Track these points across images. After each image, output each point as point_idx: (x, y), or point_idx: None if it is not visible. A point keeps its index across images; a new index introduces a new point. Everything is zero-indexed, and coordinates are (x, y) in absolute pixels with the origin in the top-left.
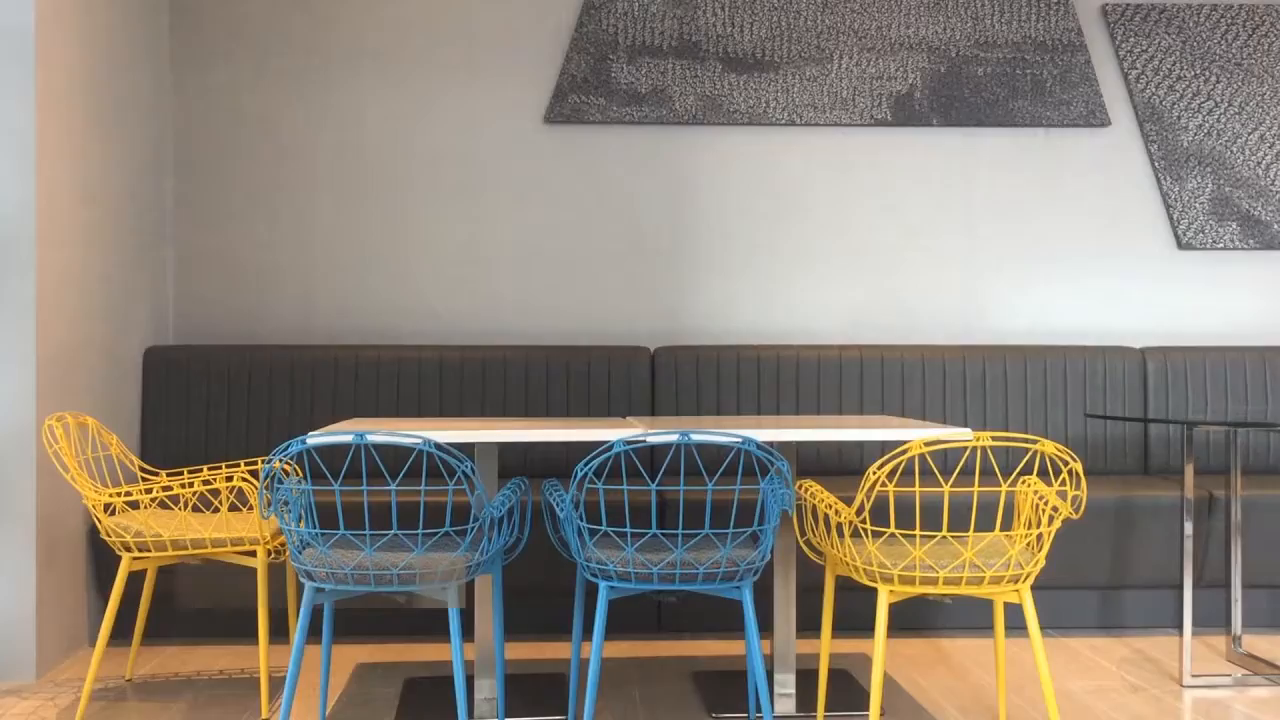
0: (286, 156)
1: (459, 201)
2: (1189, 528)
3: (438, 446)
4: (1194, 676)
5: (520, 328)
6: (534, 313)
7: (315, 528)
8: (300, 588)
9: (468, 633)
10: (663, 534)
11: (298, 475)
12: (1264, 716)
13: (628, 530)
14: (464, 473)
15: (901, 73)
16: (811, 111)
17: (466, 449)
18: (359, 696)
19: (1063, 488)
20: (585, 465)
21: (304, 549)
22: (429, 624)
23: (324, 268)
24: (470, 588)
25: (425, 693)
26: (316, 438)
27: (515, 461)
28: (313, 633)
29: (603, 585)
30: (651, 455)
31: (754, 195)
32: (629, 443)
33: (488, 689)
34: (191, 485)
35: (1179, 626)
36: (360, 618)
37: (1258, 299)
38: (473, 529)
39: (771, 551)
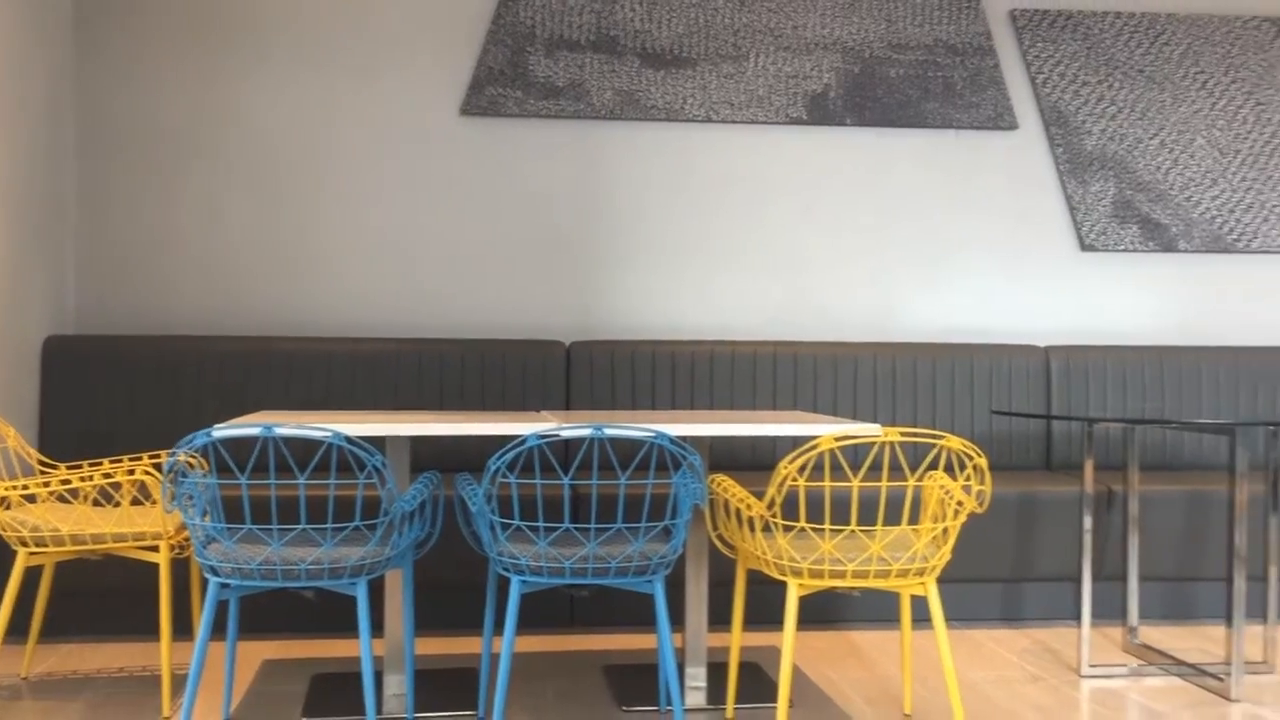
0: (194, 146)
1: (373, 192)
2: (1088, 522)
3: (348, 440)
4: (1091, 667)
5: (435, 321)
6: (449, 306)
7: (221, 522)
8: (205, 583)
9: (377, 628)
10: (575, 528)
11: (203, 468)
12: (1157, 705)
13: (540, 525)
14: (375, 467)
15: (816, 72)
16: (728, 109)
17: (378, 442)
18: (264, 694)
19: (968, 483)
20: (498, 459)
21: (209, 544)
22: (338, 619)
23: (234, 259)
24: (380, 583)
25: (333, 689)
26: (223, 430)
27: (428, 455)
28: (218, 629)
29: (515, 579)
30: (566, 450)
31: (671, 191)
32: (542, 437)
33: (397, 684)
34: (91, 479)
35: (1078, 618)
36: (267, 614)
37: (1156, 300)
38: (383, 523)
39: (684, 545)
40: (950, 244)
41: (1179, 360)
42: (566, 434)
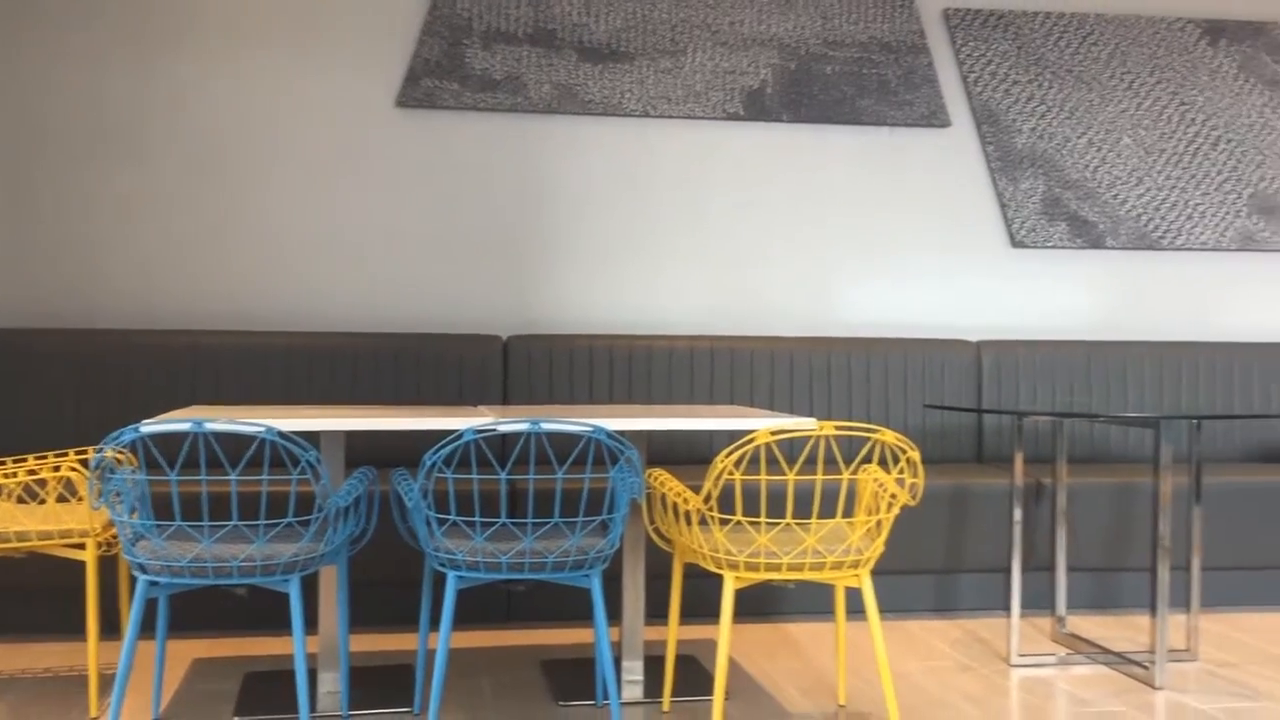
0: (122, 136)
1: (308, 184)
2: (1018, 514)
3: (281, 435)
4: (1021, 656)
5: (371, 314)
6: (385, 300)
7: (150, 519)
8: (133, 581)
9: (311, 625)
10: (512, 523)
11: (131, 465)
12: (1084, 693)
13: (477, 520)
14: (308, 462)
15: (753, 68)
16: (666, 104)
17: (312, 438)
18: (195, 693)
19: (901, 476)
20: (434, 454)
21: (137, 541)
22: (271, 617)
23: (163, 250)
24: (314, 579)
25: (266, 687)
26: (152, 425)
27: (364, 451)
28: (147, 627)
29: (451, 575)
30: (503, 444)
31: (609, 186)
32: (479, 431)
33: (331, 682)
34: (15, 475)
35: (1008, 608)
36: (197, 612)
37: (1084, 295)
38: (317, 520)
39: (621, 540)
40: (885, 240)
41: (1106, 355)
42: (504, 428)
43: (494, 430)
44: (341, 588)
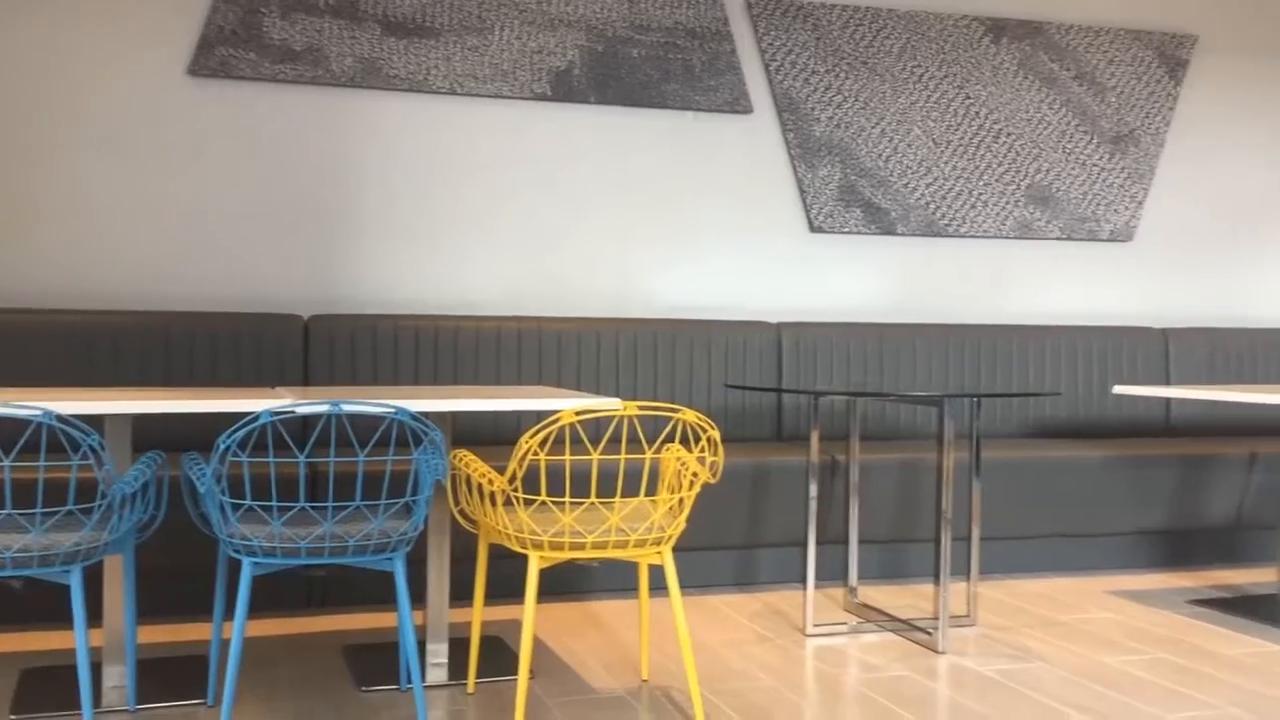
0: None
1: (94, 154)
2: (813, 489)
3: (59, 419)
4: (815, 626)
5: (163, 292)
6: (178, 276)
7: None
8: None
9: (96, 617)
10: (312, 507)
11: None
12: (873, 659)
13: (274, 504)
14: (90, 447)
15: (561, 49)
16: (473, 82)
17: (95, 422)
18: None
19: (702, 454)
20: (228, 437)
21: None
22: (51, 610)
23: None
24: (99, 570)
25: (46, 683)
26: None
27: (155, 435)
28: None
29: (246, 562)
30: (303, 427)
31: (415, 163)
32: (276, 413)
33: (117, 676)
34: None
35: (804, 581)
36: None
37: (877, 279)
38: (100, 507)
39: (425, 522)
40: (689, 223)
41: (896, 336)
42: (303, 410)
43: (292, 412)
44: (128, 577)
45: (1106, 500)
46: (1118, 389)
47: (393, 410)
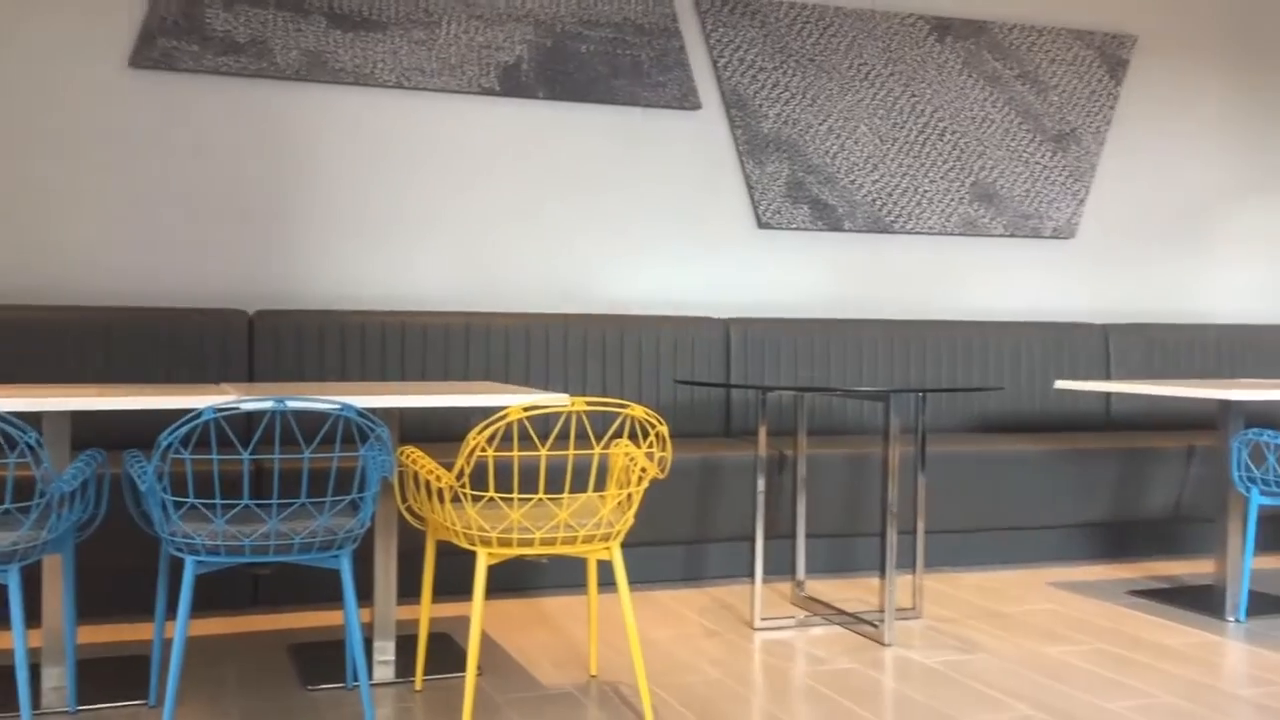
0: None
1: (35, 147)
2: (761, 484)
3: None
4: (763, 620)
5: (105, 287)
6: (120, 271)
7: None
8: None
9: (34, 618)
10: (256, 504)
11: None
12: (820, 652)
13: (217, 502)
14: (27, 444)
15: (509, 43)
16: (420, 76)
17: (32, 419)
18: None
19: (651, 450)
20: (170, 434)
21: None
22: None
23: None
24: (37, 569)
25: None
26: None
27: (96, 433)
28: None
29: (189, 560)
30: (248, 423)
31: (361, 157)
32: (220, 410)
33: (57, 677)
34: None
35: (753, 575)
36: None
37: (824, 275)
38: (38, 506)
39: (372, 519)
40: (638, 219)
41: (843, 332)
42: (247, 406)
43: (236, 408)
44: (67, 576)
45: (1048, 493)
46: (1059, 384)
47: (339, 406)
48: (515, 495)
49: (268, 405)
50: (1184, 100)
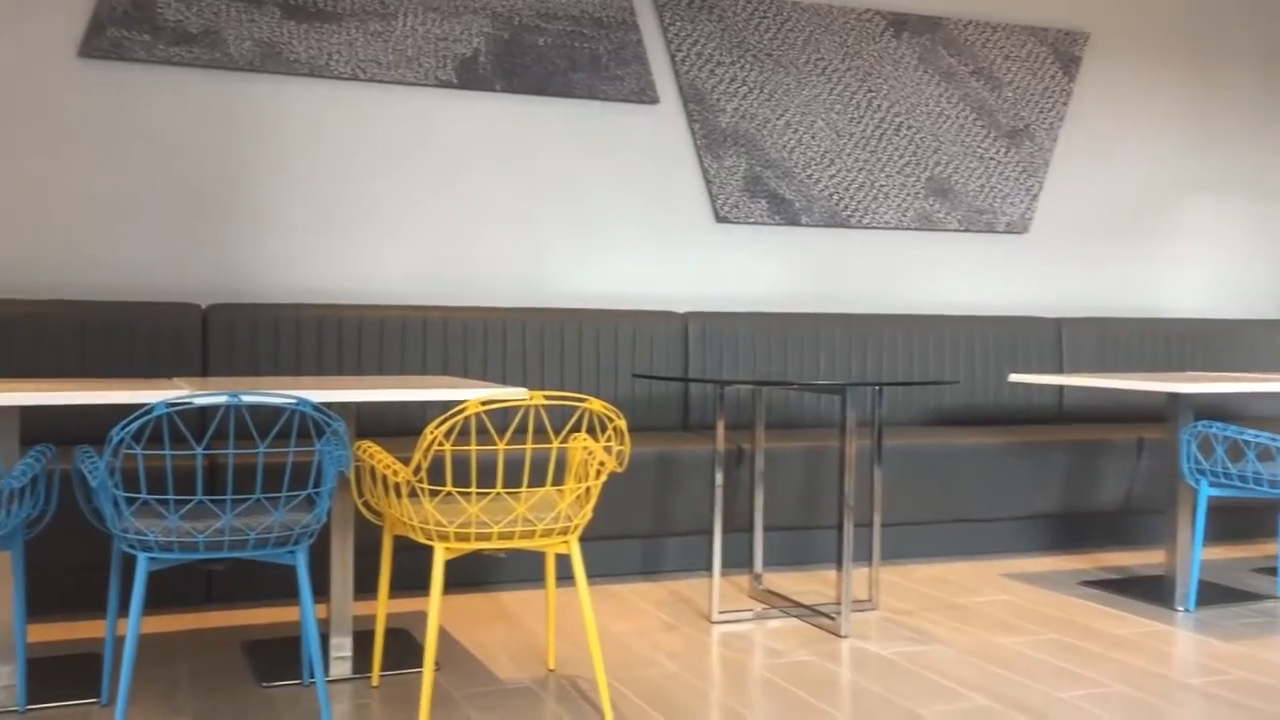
0: None
1: None
2: (719, 478)
3: None
4: (721, 613)
5: (55, 280)
6: (71, 264)
7: None
8: None
9: None
10: (210, 500)
11: None
12: (777, 645)
13: (170, 498)
14: None
15: (466, 36)
16: (376, 68)
17: None
18: None
19: (609, 444)
20: (122, 429)
21: None
22: None
23: None
24: None
25: None
26: None
27: (46, 428)
28: None
29: (142, 557)
30: (201, 418)
31: (317, 150)
32: (172, 405)
33: (6, 675)
34: None
35: (711, 568)
36: None
37: (782, 269)
38: None
39: (328, 514)
40: (597, 212)
41: (801, 326)
42: (200, 401)
43: (189, 403)
44: (17, 574)
45: (1002, 485)
46: (1013, 377)
47: (294, 401)
48: (473, 490)
49: (221, 400)
50: (1136, 97)
